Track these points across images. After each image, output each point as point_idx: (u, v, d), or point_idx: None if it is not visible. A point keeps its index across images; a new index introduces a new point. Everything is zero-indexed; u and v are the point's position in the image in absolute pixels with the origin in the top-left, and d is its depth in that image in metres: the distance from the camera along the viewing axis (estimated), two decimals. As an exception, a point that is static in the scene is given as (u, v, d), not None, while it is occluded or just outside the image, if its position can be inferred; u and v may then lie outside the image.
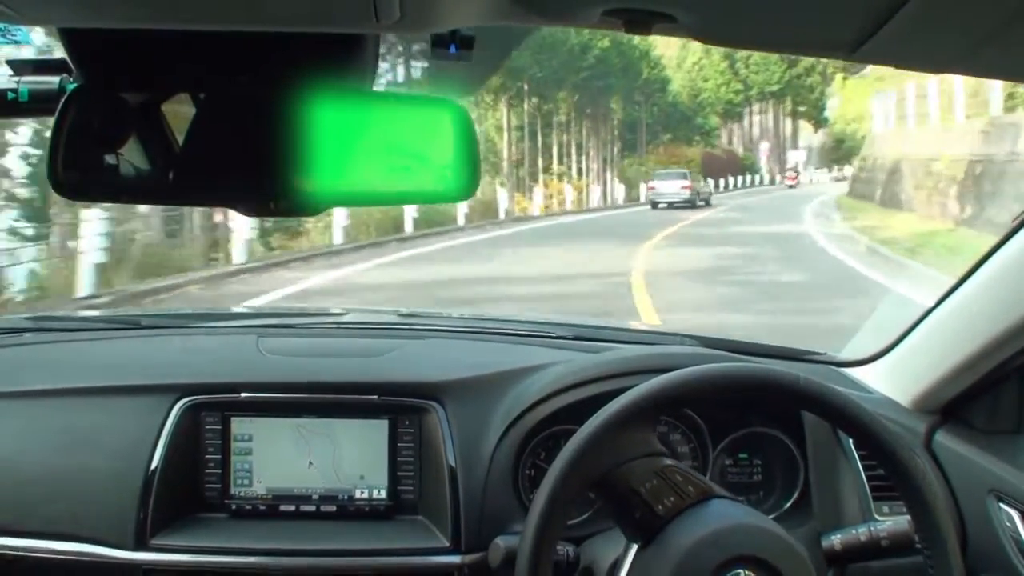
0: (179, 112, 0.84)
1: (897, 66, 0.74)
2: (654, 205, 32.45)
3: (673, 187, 32.50)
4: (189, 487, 1.53)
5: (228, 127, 0.82)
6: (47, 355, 1.74)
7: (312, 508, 1.54)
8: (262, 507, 1.54)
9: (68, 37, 0.79)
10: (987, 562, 1.48)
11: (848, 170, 60.74)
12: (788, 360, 1.88)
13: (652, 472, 1.25)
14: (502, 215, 25.53)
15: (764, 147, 67.77)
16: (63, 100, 0.81)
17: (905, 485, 1.22)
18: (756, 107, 72.20)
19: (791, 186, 53.24)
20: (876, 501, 1.55)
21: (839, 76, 77.35)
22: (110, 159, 0.84)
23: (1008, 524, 1.45)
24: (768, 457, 1.66)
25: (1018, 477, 1.46)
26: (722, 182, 47.61)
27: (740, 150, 67.16)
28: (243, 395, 1.55)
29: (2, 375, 1.62)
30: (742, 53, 63.25)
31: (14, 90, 0.90)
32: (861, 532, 1.38)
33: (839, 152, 72.84)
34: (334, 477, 1.55)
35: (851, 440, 1.58)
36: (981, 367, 1.53)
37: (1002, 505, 1.46)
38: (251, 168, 0.81)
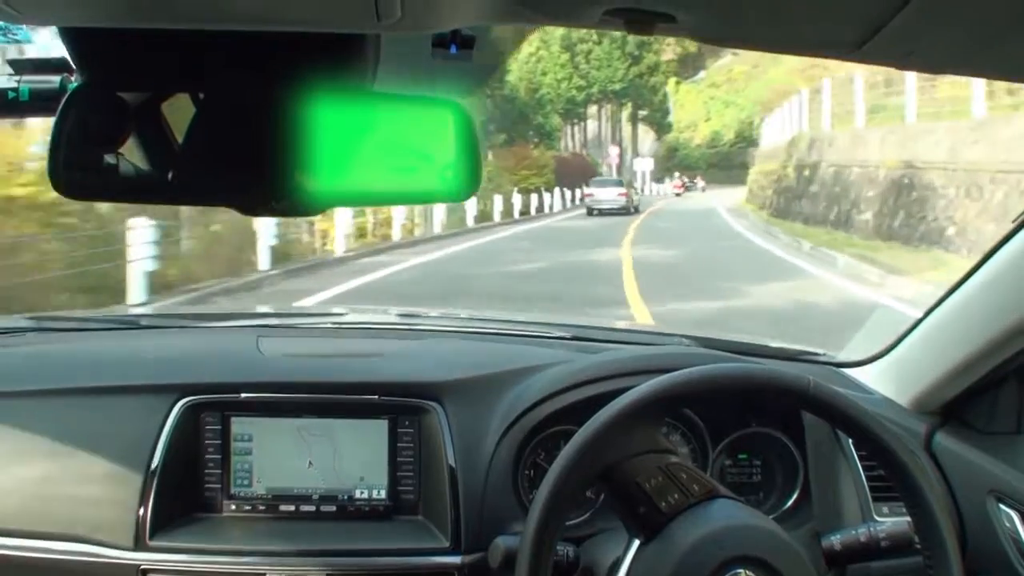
0: (179, 111, 0.84)
1: (900, 67, 0.74)
2: (590, 211, 33.11)
3: (611, 194, 33.85)
4: (189, 487, 1.53)
5: (228, 126, 0.82)
6: (47, 354, 1.74)
7: (312, 508, 1.54)
8: (262, 507, 1.54)
9: (69, 36, 0.79)
10: (987, 563, 1.48)
11: (699, 182, 58.09)
12: (787, 360, 1.88)
13: (657, 468, 1.25)
14: (264, 262, 13.20)
15: (613, 152, 60.31)
16: (64, 99, 0.81)
17: (905, 486, 1.22)
18: (596, 108, 66.14)
19: (678, 194, 52.03)
20: (876, 502, 1.55)
21: (672, 80, 72.33)
22: (110, 158, 0.84)
23: (1008, 525, 1.45)
24: (768, 457, 1.66)
25: (1018, 478, 1.46)
26: (578, 192, 39.23)
27: (586, 156, 60.05)
28: (243, 395, 1.55)
29: (2, 375, 1.62)
30: (582, 46, 59.03)
31: (15, 89, 0.90)
32: (861, 532, 1.38)
33: (672, 162, 68.58)
34: (334, 477, 1.55)
35: (851, 441, 1.58)
36: (980, 368, 1.53)
37: (1002, 506, 1.46)
38: (251, 167, 0.81)
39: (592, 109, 65.93)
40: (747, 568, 1.19)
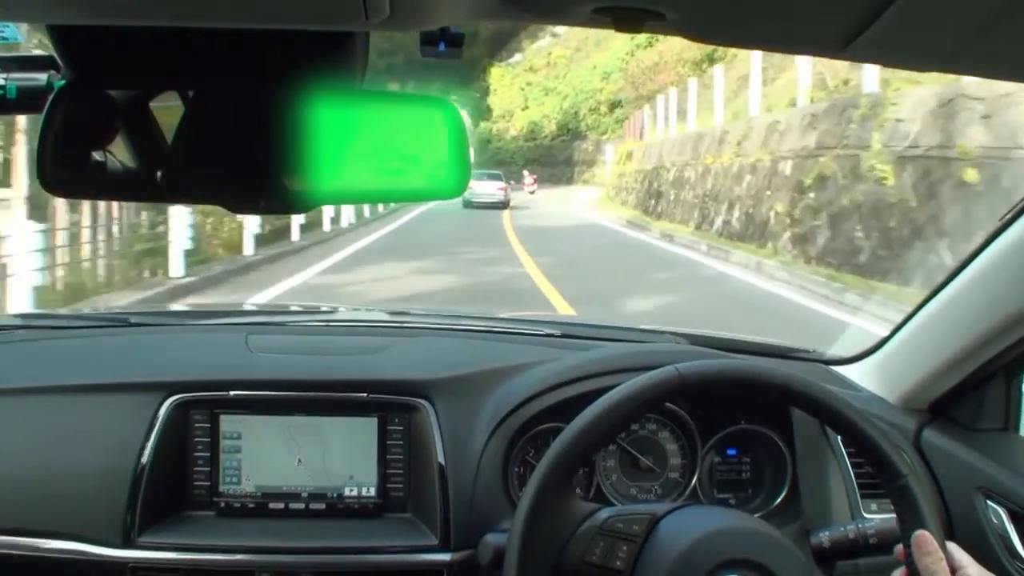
0: (168, 109, 0.84)
1: (887, 64, 0.74)
2: (467, 204, 29.86)
3: (490, 188, 31.29)
4: (177, 485, 1.52)
5: (216, 125, 0.82)
6: (36, 353, 1.73)
7: (301, 506, 1.54)
8: (251, 505, 1.54)
9: (56, 34, 0.78)
10: (974, 559, 1.49)
11: (527, 178, 47.90)
12: (777, 358, 1.89)
13: (595, 535, 1.24)
14: None
15: (431, 140, 54.26)
16: (51, 97, 0.81)
17: (892, 482, 1.22)
18: (398, 86, 54.21)
19: (532, 191, 45.51)
20: (864, 499, 1.56)
21: (484, 61, 62.27)
22: (98, 156, 0.84)
23: (995, 521, 1.45)
24: (757, 454, 1.66)
25: (1005, 474, 1.46)
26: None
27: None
28: (232, 393, 1.55)
29: None
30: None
31: (2, 87, 0.89)
32: (849, 529, 1.39)
33: (484, 155, 59.04)
34: (323, 475, 1.55)
35: (840, 438, 1.58)
36: (968, 365, 1.54)
37: (989, 502, 1.47)
38: (239, 166, 0.81)
39: (394, 87, 57.01)
40: (737, 571, 1.18)
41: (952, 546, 1.19)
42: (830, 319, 9.27)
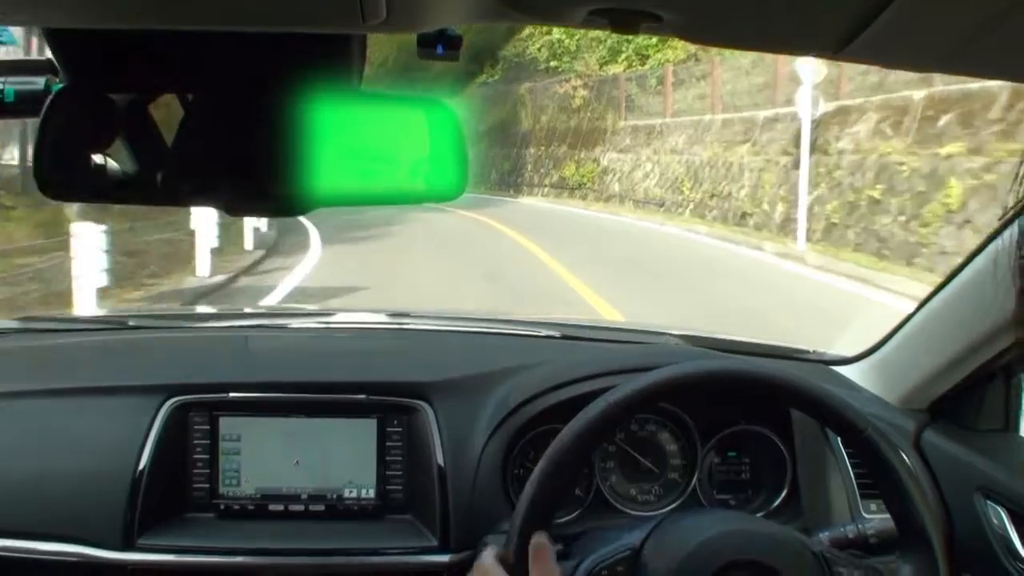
0: (167, 112, 0.84)
1: (884, 65, 0.74)
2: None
3: None
4: (177, 487, 1.52)
5: (215, 128, 0.82)
6: (34, 355, 1.73)
7: (301, 508, 1.54)
8: (250, 507, 1.54)
9: (53, 37, 0.78)
10: (974, 560, 1.49)
11: None
12: (777, 358, 1.89)
13: None
14: None
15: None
16: (48, 100, 0.81)
17: (889, 484, 1.22)
18: None
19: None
20: (863, 499, 1.56)
21: None
22: (97, 159, 0.84)
23: (996, 521, 1.45)
24: (757, 455, 1.66)
25: (1006, 475, 1.46)
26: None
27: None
28: (231, 395, 1.55)
29: None
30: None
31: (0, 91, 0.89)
32: (849, 530, 1.39)
33: None
34: (322, 477, 1.55)
35: (839, 439, 1.58)
36: (967, 365, 1.53)
37: (989, 503, 1.47)
38: (238, 168, 0.81)
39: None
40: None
41: None
42: None
